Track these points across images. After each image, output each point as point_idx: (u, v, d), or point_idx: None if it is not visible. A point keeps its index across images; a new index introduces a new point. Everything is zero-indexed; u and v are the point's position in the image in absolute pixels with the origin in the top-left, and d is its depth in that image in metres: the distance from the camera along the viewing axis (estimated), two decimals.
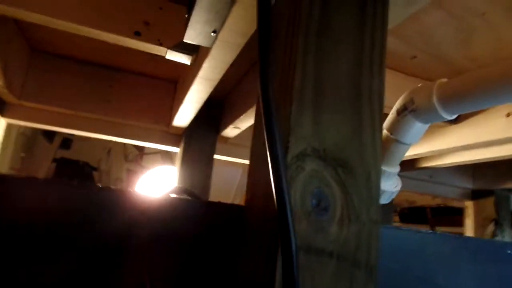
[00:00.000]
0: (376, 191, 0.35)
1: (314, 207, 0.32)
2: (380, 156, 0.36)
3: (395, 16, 0.42)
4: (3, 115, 1.02)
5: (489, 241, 0.48)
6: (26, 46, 0.98)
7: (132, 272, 0.36)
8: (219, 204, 0.40)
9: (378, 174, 0.36)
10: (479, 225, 1.52)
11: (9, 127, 1.08)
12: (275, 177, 0.26)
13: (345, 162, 0.34)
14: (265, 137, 0.28)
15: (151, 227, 0.39)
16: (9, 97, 0.97)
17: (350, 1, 0.37)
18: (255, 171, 0.39)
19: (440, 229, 2.62)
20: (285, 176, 0.26)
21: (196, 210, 0.39)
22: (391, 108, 0.73)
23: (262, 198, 0.36)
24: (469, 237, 0.49)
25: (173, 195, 0.45)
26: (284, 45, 0.36)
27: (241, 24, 0.49)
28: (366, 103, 0.36)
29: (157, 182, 1.62)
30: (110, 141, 2.22)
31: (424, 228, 2.73)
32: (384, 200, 0.68)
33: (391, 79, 0.90)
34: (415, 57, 0.83)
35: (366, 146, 0.35)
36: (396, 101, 0.71)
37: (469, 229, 1.55)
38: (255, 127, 0.42)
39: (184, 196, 0.44)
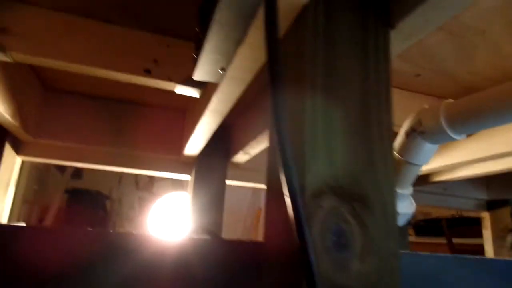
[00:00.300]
0: (393, 222, 0.36)
1: (334, 244, 0.32)
2: (393, 186, 0.36)
3: (396, 48, 0.43)
4: (19, 154, 1.04)
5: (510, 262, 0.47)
6: (39, 85, 1.02)
7: None
8: (238, 242, 0.41)
9: (394, 205, 0.36)
10: (497, 236, 1.49)
11: (22, 162, 1.10)
12: (295, 216, 0.27)
13: (361, 196, 0.35)
14: (282, 177, 0.29)
15: (171, 270, 0.39)
16: (24, 136, 0.99)
17: (353, 40, 0.38)
18: (273, 208, 0.40)
19: (457, 241, 2.56)
20: (304, 216, 0.27)
21: (215, 250, 0.40)
22: (399, 126, 0.74)
23: (281, 234, 0.37)
24: (490, 259, 0.48)
25: (193, 235, 0.45)
26: (292, 85, 0.37)
27: (247, 62, 0.51)
28: (376, 136, 0.37)
29: (169, 210, 1.63)
30: None
31: (441, 241, 2.67)
32: (400, 222, 0.68)
33: (396, 97, 0.91)
34: (419, 75, 0.84)
35: (380, 178, 0.36)
36: (403, 118, 0.72)
37: (487, 241, 1.52)
38: (269, 165, 0.42)
39: (204, 236, 0.44)
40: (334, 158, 0.35)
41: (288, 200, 0.27)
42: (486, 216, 1.51)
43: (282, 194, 0.36)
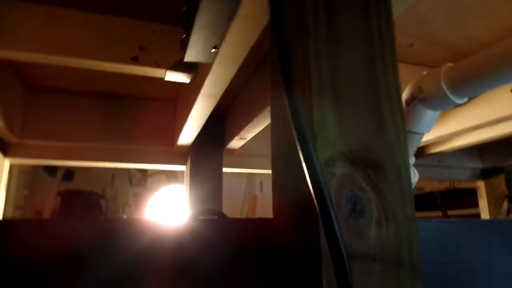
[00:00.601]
0: (409, 187, 0.34)
1: (351, 212, 0.31)
2: (407, 151, 0.35)
3: (397, 9, 0.42)
4: (6, 156, 1.01)
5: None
6: (22, 86, 0.98)
7: None
8: (247, 220, 0.39)
9: (408, 170, 0.35)
10: (493, 204, 1.51)
11: (11, 166, 1.07)
12: (314, 181, 0.25)
13: (374, 162, 0.33)
14: (297, 142, 0.27)
15: (173, 254, 0.38)
16: (10, 138, 0.96)
17: (353, 4, 0.37)
18: (281, 181, 0.39)
19: (452, 213, 2.60)
20: (323, 179, 0.26)
21: (225, 229, 0.39)
22: None
23: (293, 207, 0.36)
24: (496, 220, 0.48)
25: (200, 217, 0.44)
26: (296, 53, 0.36)
27: (241, 37, 0.48)
28: (385, 100, 0.35)
29: (166, 203, 1.61)
30: (113, 167, 2.21)
31: (436, 214, 2.71)
32: None
33: None
34: (411, 45, 0.83)
35: (392, 142, 0.34)
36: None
37: (484, 209, 1.54)
38: (273, 138, 0.41)
39: (212, 216, 0.43)
40: (344, 125, 0.33)
41: (305, 167, 0.26)
42: (481, 185, 1.53)
43: (291, 165, 0.35)
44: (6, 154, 1.00)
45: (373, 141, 0.34)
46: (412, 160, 0.66)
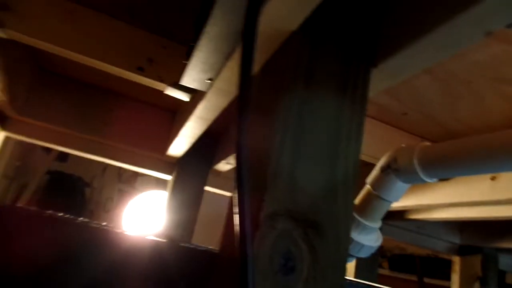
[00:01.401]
0: (344, 252, 0.36)
1: (281, 266, 0.33)
2: (350, 220, 0.37)
3: (378, 86, 0.45)
4: (3, 129, 1.04)
5: None
6: (33, 65, 1.02)
7: None
8: (193, 249, 0.41)
9: (348, 237, 0.37)
10: (465, 282, 1.50)
11: (6, 137, 1.10)
12: (241, 238, 0.27)
13: (316, 223, 0.35)
14: (236, 197, 0.30)
15: (131, 267, 0.39)
16: (11, 112, 0.99)
17: (333, 75, 0.40)
18: (230, 220, 0.41)
19: (428, 281, 2.57)
20: (250, 237, 0.28)
21: (173, 254, 0.40)
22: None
23: (233, 248, 0.37)
24: None
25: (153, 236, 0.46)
26: (266, 107, 0.39)
27: (234, 76, 0.52)
28: (341, 169, 0.38)
29: (147, 207, 1.62)
30: None
31: (413, 278, 2.68)
32: (363, 254, 0.68)
33: (382, 132, 0.93)
34: (405, 114, 0.86)
35: (339, 209, 0.37)
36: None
37: (455, 285, 1.53)
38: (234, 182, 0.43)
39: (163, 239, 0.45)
40: (296, 184, 0.35)
41: (236, 218, 0.28)
42: (456, 260, 1.52)
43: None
44: (3, 127, 1.03)
45: (321, 205, 0.36)
46: (377, 224, 0.68)
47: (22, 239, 0.39)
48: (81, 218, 0.41)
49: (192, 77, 0.54)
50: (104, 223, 0.43)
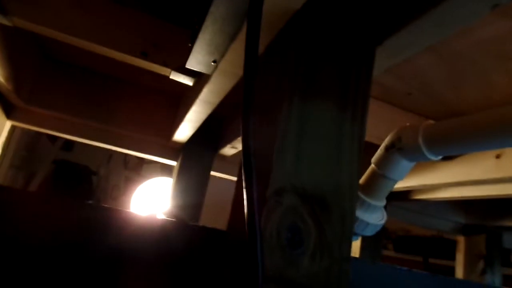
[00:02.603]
0: (350, 228, 0.37)
1: (289, 241, 0.34)
2: (356, 196, 0.38)
3: (382, 63, 0.45)
4: (9, 118, 1.05)
5: (465, 282, 0.49)
6: (38, 53, 1.02)
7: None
8: (202, 228, 0.42)
9: (353, 214, 0.38)
10: (470, 261, 1.52)
11: (13, 127, 1.11)
12: (248, 212, 0.28)
13: (322, 200, 0.36)
14: (243, 173, 0.30)
15: (141, 246, 0.41)
16: (17, 101, 1.00)
17: (336, 54, 0.40)
18: (238, 199, 0.42)
19: (433, 261, 2.60)
20: (258, 211, 0.28)
21: (182, 233, 0.42)
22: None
23: (242, 226, 0.38)
24: (443, 277, 0.50)
25: (163, 216, 0.47)
26: (273, 88, 0.39)
27: (239, 58, 0.52)
28: (346, 146, 0.38)
29: (154, 193, 1.64)
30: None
31: (418, 258, 2.71)
32: (368, 232, 0.69)
33: (387, 113, 0.93)
34: (410, 94, 0.86)
35: (343, 186, 0.37)
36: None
37: (459, 265, 1.55)
38: (241, 161, 0.44)
39: (172, 218, 0.46)
40: (302, 161, 0.36)
41: (246, 197, 0.29)
42: (461, 240, 1.54)
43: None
44: (9, 116, 1.04)
45: (326, 181, 0.37)
46: (382, 202, 0.69)
47: (39, 221, 0.40)
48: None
49: (197, 60, 0.54)
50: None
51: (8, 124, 1.05)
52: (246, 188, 0.28)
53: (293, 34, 0.41)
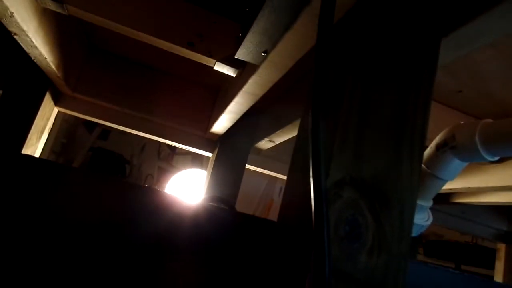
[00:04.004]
0: (409, 225, 0.36)
1: (347, 234, 0.33)
2: (416, 191, 0.37)
3: (446, 57, 0.43)
4: (56, 105, 1.09)
5: None
6: (86, 43, 1.06)
7: (169, 272, 0.39)
8: (253, 218, 0.42)
9: (413, 209, 0.36)
10: (510, 270, 1.45)
11: (60, 112, 1.16)
12: (316, 204, 0.28)
13: (382, 193, 0.35)
14: (310, 164, 0.30)
15: (188, 230, 0.41)
16: (64, 89, 1.04)
17: (398, 51, 0.38)
18: (292, 190, 0.41)
19: (466, 268, 2.50)
20: (326, 204, 0.28)
21: (231, 220, 0.42)
22: (432, 140, 0.72)
23: (296, 218, 0.38)
24: (498, 283, 0.48)
25: (211, 203, 0.47)
26: (333, 82, 0.38)
27: (291, 48, 0.51)
28: (407, 139, 0.37)
29: (187, 184, 1.67)
30: (146, 138, 2.31)
31: (449, 264, 2.62)
32: (413, 233, 0.67)
33: (434, 111, 0.89)
34: (460, 91, 0.82)
35: (404, 180, 0.36)
36: (437, 133, 0.70)
37: (499, 273, 1.48)
38: (295, 148, 0.43)
39: (221, 205, 0.46)
40: (362, 153, 0.35)
41: (312, 189, 0.28)
42: (502, 247, 1.47)
43: (303, 179, 0.37)
44: (56, 103, 1.08)
45: (386, 175, 0.36)
46: (429, 203, 0.66)
47: (87, 198, 0.41)
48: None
49: (248, 50, 0.54)
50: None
51: (55, 110, 1.09)
52: (314, 178, 0.28)
53: (356, 22, 0.39)
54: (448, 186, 1.06)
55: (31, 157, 0.41)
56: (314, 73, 0.32)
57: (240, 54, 0.56)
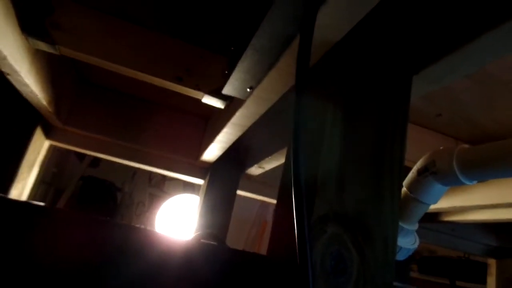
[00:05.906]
0: (392, 255, 0.38)
1: (332, 268, 0.35)
2: (397, 223, 0.38)
3: (418, 92, 0.46)
4: (48, 138, 1.10)
5: None
6: (75, 77, 1.08)
7: None
8: (243, 253, 0.43)
9: (395, 239, 0.38)
10: (501, 285, 1.46)
11: (51, 145, 1.16)
12: (300, 241, 0.29)
13: (364, 227, 0.37)
14: (293, 200, 0.32)
15: (177, 269, 0.42)
16: (56, 122, 1.05)
17: (375, 87, 0.41)
18: (280, 224, 0.43)
19: (460, 284, 2.50)
20: (309, 241, 0.29)
21: (221, 257, 0.43)
22: (414, 162, 0.75)
23: (284, 252, 0.39)
24: None
25: (200, 239, 0.48)
26: (316, 119, 0.40)
27: (276, 84, 0.54)
28: (387, 172, 0.39)
29: (178, 211, 1.66)
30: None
31: (443, 280, 2.62)
32: (401, 256, 0.69)
33: (416, 134, 0.92)
34: (440, 115, 0.86)
35: (386, 213, 0.38)
36: (419, 156, 0.73)
37: None
38: (281, 183, 0.45)
39: (210, 241, 0.47)
40: (344, 188, 0.37)
41: (296, 225, 0.30)
42: (492, 263, 1.49)
43: (290, 213, 0.39)
44: (47, 136, 1.09)
45: (368, 209, 0.38)
46: (414, 226, 0.68)
47: (67, 239, 0.41)
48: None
49: (234, 86, 0.57)
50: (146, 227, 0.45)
51: (46, 143, 1.10)
52: (296, 215, 0.29)
53: (333, 63, 0.42)
54: (435, 206, 1.08)
55: (3, 198, 0.42)
56: (294, 110, 0.35)
57: (227, 90, 0.59)
